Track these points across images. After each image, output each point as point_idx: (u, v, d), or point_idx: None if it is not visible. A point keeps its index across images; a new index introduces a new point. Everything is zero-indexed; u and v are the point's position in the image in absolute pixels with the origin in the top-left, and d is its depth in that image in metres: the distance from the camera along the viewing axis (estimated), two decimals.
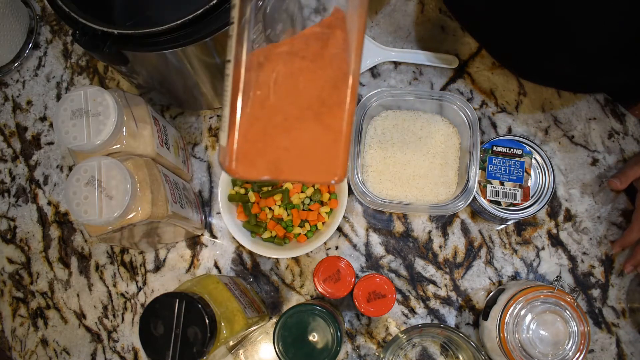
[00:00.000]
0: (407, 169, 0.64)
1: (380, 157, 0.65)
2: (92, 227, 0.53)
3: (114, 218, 0.50)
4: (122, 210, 0.50)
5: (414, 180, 0.64)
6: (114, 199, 0.50)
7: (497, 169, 0.64)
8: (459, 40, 0.72)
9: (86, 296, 0.70)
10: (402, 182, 0.64)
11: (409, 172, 0.64)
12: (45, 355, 0.70)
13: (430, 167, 0.64)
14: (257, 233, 0.65)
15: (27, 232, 0.73)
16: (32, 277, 0.71)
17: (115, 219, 0.50)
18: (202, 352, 0.46)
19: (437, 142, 0.65)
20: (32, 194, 0.74)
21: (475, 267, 0.66)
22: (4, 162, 0.75)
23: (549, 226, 0.66)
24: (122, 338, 0.69)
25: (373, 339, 0.65)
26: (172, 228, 0.60)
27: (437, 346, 0.64)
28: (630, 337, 0.64)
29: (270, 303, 0.67)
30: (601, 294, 0.65)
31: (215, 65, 0.60)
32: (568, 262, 0.66)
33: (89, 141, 0.52)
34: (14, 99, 0.77)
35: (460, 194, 0.61)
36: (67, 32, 0.79)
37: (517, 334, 0.56)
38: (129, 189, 0.50)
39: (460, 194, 0.61)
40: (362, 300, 0.57)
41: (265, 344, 0.66)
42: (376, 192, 0.64)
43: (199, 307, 0.47)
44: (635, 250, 0.62)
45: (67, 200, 0.51)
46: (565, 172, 0.68)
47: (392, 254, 0.67)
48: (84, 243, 0.71)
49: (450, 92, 0.66)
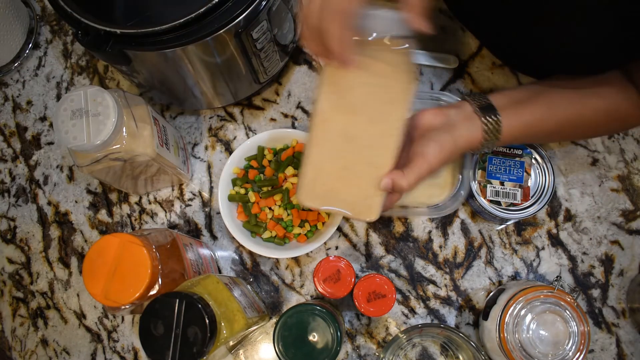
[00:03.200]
0: None
1: None
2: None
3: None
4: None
5: None
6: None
7: (497, 169, 0.64)
8: (459, 40, 0.72)
9: (86, 296, 0.70)
10: None
11: None
12: (45, 355, 0.69)
13: None
14: (257, 233, 0.65)
15: (27, 232, 0.73)
16: (32, 277, 0.71)
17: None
18: (202, 352, 0.46)
19: None
20: (32, 194, 0.73)
21: (475, 267, 0.66)
22: (4, 162, 0.75)
23: (549, 226, 0.67)
24: (122, 338, 0.69)
25: (373, 339, 0.65)
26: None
27: (437, 346, 0.64)
28: (630, 337, 0.64)
29: (270, 303, 0.67)
30: (601, 294, 0.65)
31: (216, 65, 0.60)
32: (568, 262, 0.66)
33: (88, 141, 0.52)
34: (14, 99, 0.77)
35: (455, 195, 0.61)
36: (67, 32, 0.79)
37: (517, 334, 0.56)
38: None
39: (455, 195, 0.61)
40: (362, 300, 0.57)
41: (265, 344, 0.66)
42: None
43: (199, 307, 0.47)
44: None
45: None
46: (565, 172, 0.68)
47: (392, 254, 0.67)
48: (84, 243, 0.71)
49: (450, 93, 0.66)
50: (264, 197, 0.64)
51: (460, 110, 0.52)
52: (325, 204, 0.48)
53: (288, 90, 0.73)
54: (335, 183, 0.48)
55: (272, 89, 0.73)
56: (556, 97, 0.53)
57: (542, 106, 0.53)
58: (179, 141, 0.68)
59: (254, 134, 0.72)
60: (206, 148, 0.72)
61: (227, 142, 0.72)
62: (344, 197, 0.48)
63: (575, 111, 0.53)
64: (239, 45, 0.57)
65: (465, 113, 0.52)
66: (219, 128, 0.73)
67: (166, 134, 0.62)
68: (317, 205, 0.49)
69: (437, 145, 0.48)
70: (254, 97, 0.73)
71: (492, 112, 0.51)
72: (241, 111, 0.73)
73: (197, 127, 0.73)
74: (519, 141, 0.55)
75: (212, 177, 0.71)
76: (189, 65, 0.58)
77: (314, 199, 0.48)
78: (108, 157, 0.55)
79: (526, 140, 0.57)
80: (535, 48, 0.53)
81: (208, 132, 0.73)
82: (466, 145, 0.51)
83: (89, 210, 0.72)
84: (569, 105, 0.53)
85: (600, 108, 0.53)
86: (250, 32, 0.56)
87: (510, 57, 0.63)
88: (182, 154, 0.68)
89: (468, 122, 0.51)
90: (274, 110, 0.73)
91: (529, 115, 0.52)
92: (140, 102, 0.59)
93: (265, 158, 0.67)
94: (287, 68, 0.74)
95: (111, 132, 0.52)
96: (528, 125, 0.53)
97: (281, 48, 0.65)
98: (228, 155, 0.72)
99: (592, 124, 0.54)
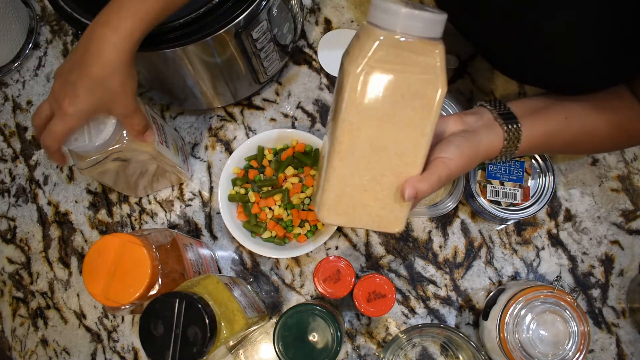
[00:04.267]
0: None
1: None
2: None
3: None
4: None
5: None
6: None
7: (497, 169, 0.64)
8: (459, 40, 0.72)
9: (86, 296, 0.70)
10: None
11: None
12: (45, 355, 0.69)
13: None
14: (257, 233, 0.65)
15: (27, 232, 0.73)
16: (32, 277, 0.71)
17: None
18: (202, 352, 0.46)
19: None
20: (32, 194, 0.73)
21: (475, 267, 0.66)
22: (4, 162, 0.75)
23: (549, 226, 0.67)
24: (122, 338, 0.69)
25: (373, 339, 0.65)
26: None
27: (437, 346, 0.64)
28: (630, 337, 0.64)
29: (270, 303, 0.67)
30: (601, 294, 0.65)
31: (216, 65, 0.60)
32: (568, 262, 0.66)
33: (90, 142, 0.52)
34: (14, 99, 0.77)
35: (450, 195, 0.61)
36: (67, 32, 0.79)
37: (517, 334, 0.56)
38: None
39: (449, 195, 0.61)
40: (362, 300, 0.57)
41: (265, 344, 0.66)
42: None
43: (199, 307, 0.47)
44: None
45: None
46: (565, 172, 0.68)
47: (392, 254, 0.67)
48: (84, 243, 0.71)
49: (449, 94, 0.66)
50: (264, 197, 0.64)
51: (479, 117, 0.51)
52: (350, 221, 0.46)
53: (288, 90, 0.73)
54: (361, 197, 0.45)
55: (272, 89, 0.73)
56: (573, 107, 0.52)
57: (559, 115, 0.52)
58: (177, 141, 0.68)
59: (254, 134, 0.72)
60: (206, 148, 0.72)
61: (227, 142, 0.72)
62: (369, 212, 0.46)
63: (591, 122, 0.52)
64: (239, 45, 0.57)
65: (484, 120, 0.51)
66: (219, 128, 0.73)
67: (165, 133, 0.62)
68: (342, 223, 0.47)
69: (458, 150, 0.46)
70: (254, 97, 0.73)
71: (513, 120, 0.50)
72: (241, 111, 0.73)
73: (197, 127, 0.73)
74: (534, 151, 0.54)
75: (212, 177, 0.71)
76: (189, 65, 0.58)
77: (338, 216, 0.46)
78: (109, 158, 0.55)
79: (542, 150, 0.56)
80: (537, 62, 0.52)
81: (208, 132, 0.73)
82: (486, 153, 0.49)
83: (89, 210, 0.72)
84: (585, 116, 0.52)
85: (614, 121, 0.52)
86: (250, 32, 0.56)
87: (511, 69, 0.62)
88: (181, 153, 0.68)
89: (488, 129, 0.50)
90: (274, 110, 0.73)
91: (547, 125, 0.52)
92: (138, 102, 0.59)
93: (265, 158, 0.67)
94: (287, 68, 0.74)
95: (112, 132, 0.52)
96: (546, 135, 0.52)
97: (281, 48, 0.65)
98: (228, 155, 0.72)
99: (605, 137, 0.54)
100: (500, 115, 0.51)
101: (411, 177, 0.44)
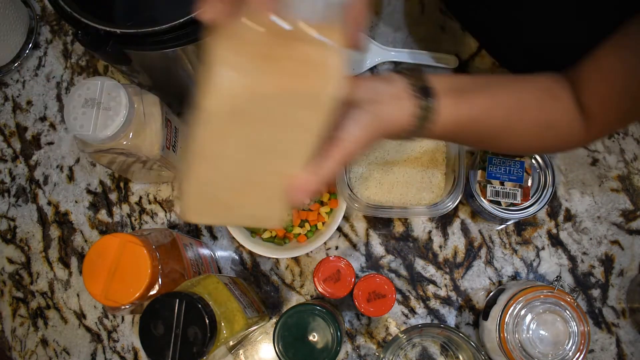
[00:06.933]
0: (390, 175, 0.64)
1: (364, 162, 0.65)
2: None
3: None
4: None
5: (397, 185, 0.64)
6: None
7: (497, 169, 0.64)
8: (459, 40, 0.72)
9: (86, 296, 0.70)
10: (387, 188, 0.64)
11: (392, 177, 0.64)
12: (45, 355, 0.69)
13: (412, 172, 0.64)
14: (257, 233, 0.65)
15: (27, 232, 0.73)
16: (32, 277, 0.71)
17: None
18: (202, 352, 0.46)
19: (417, 146, 0.64)
20: (32, 194, 0.73)
21: (475, 267, 0.66)
22: (4, 162, 0.75)
23: (549, 226, 0.67)
24: (122, 338, 0.69)
25: (373, 339, 0.65)
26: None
27: (437, 346, 0.64)
28: (630, 337, 0.64)
29: (270, 303, 0.67)
30: (601, 294, 0.65)
31: None
32: (568, 262, 0.66)
33: (93, 133, 0.52)
34: (14, 99, 0.77)
35: (450, 195, 0.61)
36: (67, 32, 0.79)
37: (517, 334, 0.56)
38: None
39: (449, 195, 0.61)
40: (362, 300, 0.57)
41: (265, 344, 0.66)
42: (364, 198, 0.63)
43: (199, 307, 0.47)
44: None
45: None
46: (565, 172, 0.68)
47: (392, 254, 0.67)
48: (84, 243, 0.71)
49: None
50: None
51: (389, 86, 0.42)
52: (219, 220, 0.43)
53: None
54: (232, 199, 0.38)
55: None
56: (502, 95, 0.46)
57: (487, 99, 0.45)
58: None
59: None
60: None
61: None
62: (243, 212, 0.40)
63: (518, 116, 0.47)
64: None
65: (394, 90, 0.42)
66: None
67: (176, 136, 0.62)
68: (209, 222, 0.44)
69: (357, 126, 0.39)
70: None
71: (427, 96, 0.42)
72: None
73: None
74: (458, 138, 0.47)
75: None
76: (189, 65, 0.58)
77: (204, 216, 0.40)
78: (111, 151, 0.55)
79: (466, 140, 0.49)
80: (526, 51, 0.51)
81: None
82: (391, 129, 0.42)
83: (89, 210, 0.72)
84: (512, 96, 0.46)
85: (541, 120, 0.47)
86: None
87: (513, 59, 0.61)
88: None
89: (395, 101, 0.41)
90: None
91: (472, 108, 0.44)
92: (155, 101, 0.58)
93: None
94: None
95: (117, 129, 0.52)
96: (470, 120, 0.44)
97: None
98: None
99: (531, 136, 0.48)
100: (413, 87, 0.42)
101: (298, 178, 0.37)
